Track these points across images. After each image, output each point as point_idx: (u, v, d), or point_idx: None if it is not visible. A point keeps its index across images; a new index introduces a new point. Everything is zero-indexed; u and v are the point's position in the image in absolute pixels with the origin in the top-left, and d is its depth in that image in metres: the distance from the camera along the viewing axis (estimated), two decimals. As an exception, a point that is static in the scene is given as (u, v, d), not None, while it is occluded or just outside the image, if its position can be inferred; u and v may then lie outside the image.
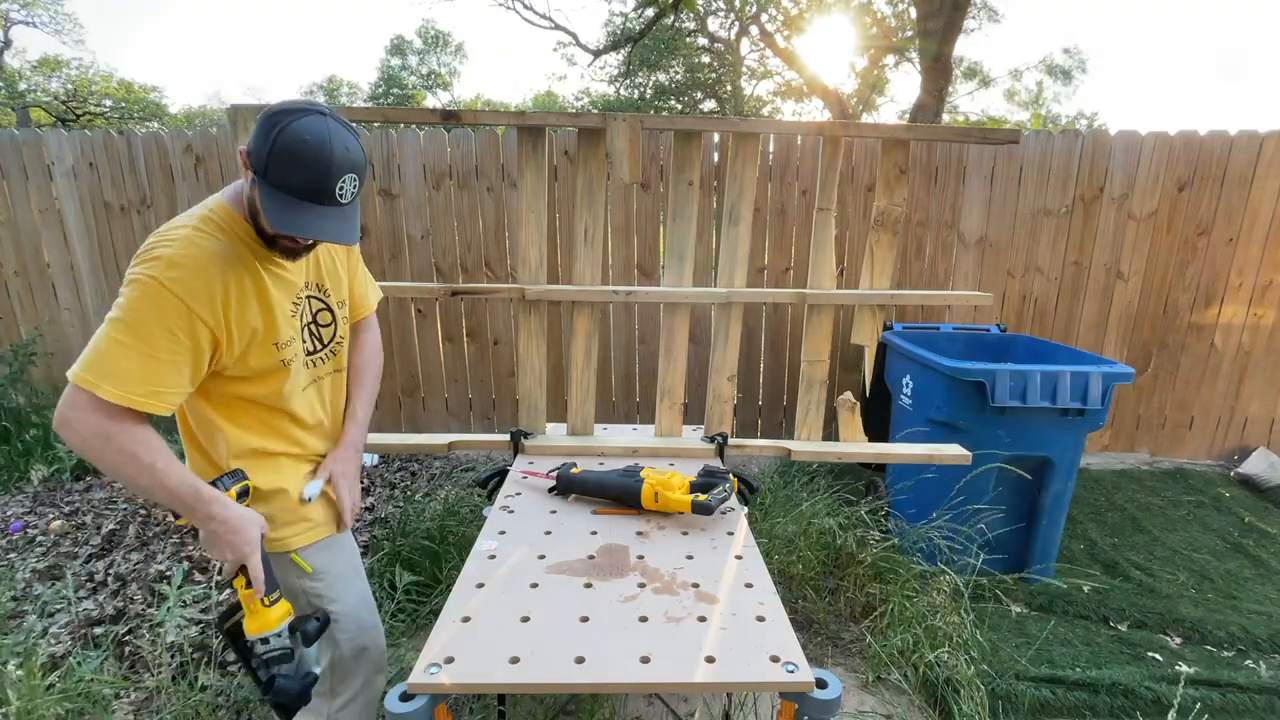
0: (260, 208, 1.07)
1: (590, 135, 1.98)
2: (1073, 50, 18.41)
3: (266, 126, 1.04)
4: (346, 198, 1.09)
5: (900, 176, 2.05)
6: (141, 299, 1.03)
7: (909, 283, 3.74)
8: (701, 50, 16.93)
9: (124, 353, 1.02)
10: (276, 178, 1.04)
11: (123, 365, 1.02)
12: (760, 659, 1.03)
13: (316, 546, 1.34)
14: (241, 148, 1.09)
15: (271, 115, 1.05)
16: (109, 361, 1.02)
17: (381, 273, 3.66)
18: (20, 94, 16.46)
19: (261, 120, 1.06)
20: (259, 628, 1.13)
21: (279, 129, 1.03)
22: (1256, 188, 3.58)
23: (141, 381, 1.03)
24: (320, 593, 1.34)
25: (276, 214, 1.06)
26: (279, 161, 1.03)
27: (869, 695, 2.01)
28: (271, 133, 1.03)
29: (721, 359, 2.14)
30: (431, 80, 26.67)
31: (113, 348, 1.02)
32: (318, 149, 1.03)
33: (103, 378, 1.01)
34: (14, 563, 2.56)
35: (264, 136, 1.04)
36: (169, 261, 1.05)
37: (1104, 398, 2.35)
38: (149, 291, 1.03)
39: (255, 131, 1.06)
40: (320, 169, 1.04)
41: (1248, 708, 1.96)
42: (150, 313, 1.03)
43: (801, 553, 2.42)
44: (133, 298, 1.03)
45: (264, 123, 1.05)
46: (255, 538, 1.14)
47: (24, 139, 3.65)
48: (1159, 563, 2.78)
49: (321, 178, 1.05)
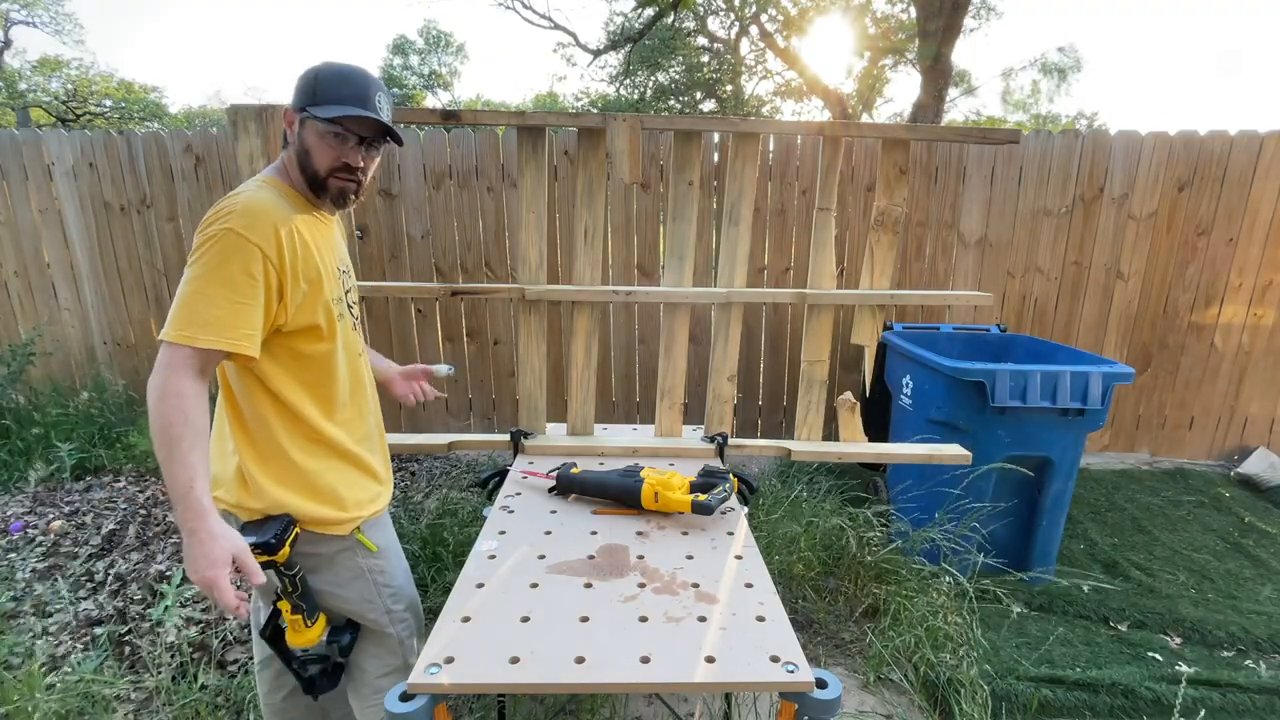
0: (315, 125, 1.21)
1: (590, 135, 1.98)
2: (1067, 49, 18.38)
3: (309, 72, 1.23)
4: (385, 114, 1.25)
5: (900, 176, 2.05)
6: (220, 249, 1.10)
7: (909, 283, 3.74)
8: (701, 50, 16.92)
9: (212, 303, 1.08)
10: (325, 95, 1.21)
11: (214, 314, 1.08)
12: (760, 659, 1.03)
13: (374, 523, 1.38)
14: (285, 110, 1.24)
15: (311, 67, 1.24)
16: (200, 314, 1.07)
17: (381, 273, 3.66)
18: (20, 94, 16.45)
19: (302, 75, 1.23)
20: (304, 643, 1.25)
21: (321, 64, 1.23)
22: (1256, 188, 3.58)
23: (233, 326, 1.09)
24: (382, 569, 1.37)
25: (335, 111, 1.19)
26: (325, 83, 1.21)
27: (869, 695, 2.01)
28: (314, 69, 1.23)
29: (721, 359, 2.14)
30: (432, 80, 26.68)
31: (201, 301, 1.08)
32: (356, 70, 1.24)
33: (200, 329, 1.06)
34: (14, 563, 2.56)
35: (308, 77, 1.22)
36: (239, 213, 1.12)
37: (1104, 398, 2.35)
38: (226, 241, 1.10)
39: (298, 86, 1.23)
40: (361, 82, 1.23)
41: (1248, 708, 1.96)
42: (233, 260, 1.10)
43: (801, 553, 2.42)
44: (211, 250, 1.10)
45: (306, 73, 1.23)
46: (220, 560, 1.04)
47: (24, 139, 3.65)
48: (1159, 563, 2.78)
49: (363, 89, 1.23)
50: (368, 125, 1.23)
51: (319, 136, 1.22)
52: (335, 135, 1.22)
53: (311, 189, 1.26)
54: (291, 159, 1.25)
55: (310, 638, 1.24)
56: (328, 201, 1.28)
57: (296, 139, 1.23)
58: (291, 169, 1.25)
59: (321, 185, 1.25)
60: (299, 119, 1.22)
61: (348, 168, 1.25)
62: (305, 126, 1.22)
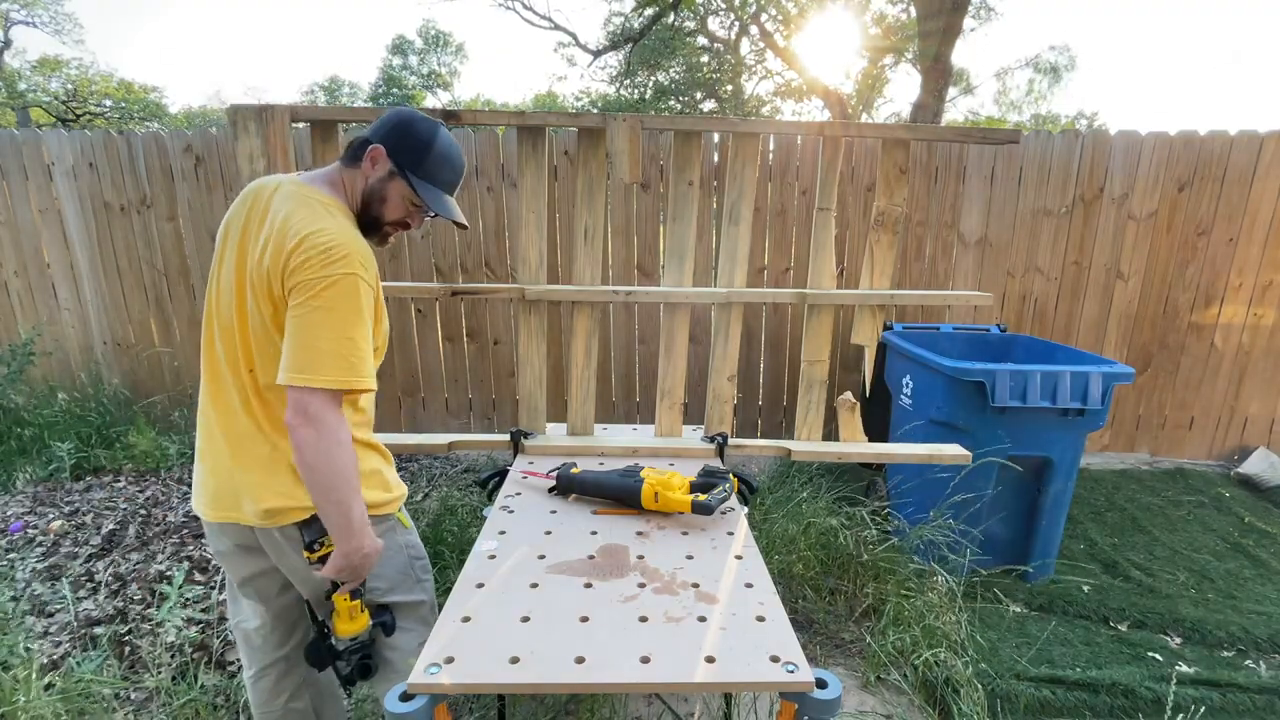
0: (404, 189, 1.27)
1: (590, 135, 1.98)
2: (1060, 47, 18.40)
3: (421, 129, 1.27)
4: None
5: (900, 176, 2.05)
6: (350, 292, 1.14)
7: (909, 283, 3.74)
8: (701, 50, 16.91)
9: (355, 348, 1.14)
10: (428, 173, 1.28)
11: (358, 358, 1.15)
12: (760, 659, 1.03)
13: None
14: (375, 146, 1.25)
15: (418, 120, 1.28)
16: (347, 359, 1.13)
17: (382, 272, 3.65)
18: (20, 94, 16.45)
19: (404, 123, 1.28)
20: (357, 629, 1.27)
21: (435, 133, 1.29)
22: (1256, 188, 3.58)
23: (366, 365, 1.17)
24: (414, 543, 1.45)
25: (438, 202, 1.29)
26: (436, 159, 1.28)
27: (869, 695, 2.01)
28: (427, 135, 1.28)
29: (721, 359, 2.13)
30: (432, 80, 26.68)
31: (347, 347, 1.13)
32: (460, 154, 1.34)
33: (352, 375, 1.13)
34: (14, 563, 2.56)
35: (421, 139, 1.27)
36: (358, 258, 1.17)
37: (1104, 398, 2.35)
38: (353, 285, 1.15)
39: (397, 132, 1.27)
40: (460, 169, 1.35)
41: (1248, 708, 1.96)
42: (361, 302, 1.16)
43: (801, 553, 2.42)
44: (342, 294, 1.13)
45: (412, 125, 1.27)
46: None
47: (24, 139, 3.65)
48: (1159, 563, 2.78)
49: (459, 175, 1.35)
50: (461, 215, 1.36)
51: (401, 198, 1.29)
52: (416, 207, 1.31)
53: (363, 224, 1.29)
54: (357, 192, 1.28)
55: (361, 623, 1.28)
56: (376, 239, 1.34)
57: (377, 181, 1.27)
58: (353, 197, 1.29)
59: (376, 227, 1.31)
60: (390, 169, 1.26)
61: (407, 226, 1.34)
62: (393, 180, 1.27)
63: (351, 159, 1.28)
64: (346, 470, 1.13)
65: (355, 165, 1.28)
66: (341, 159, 1.31)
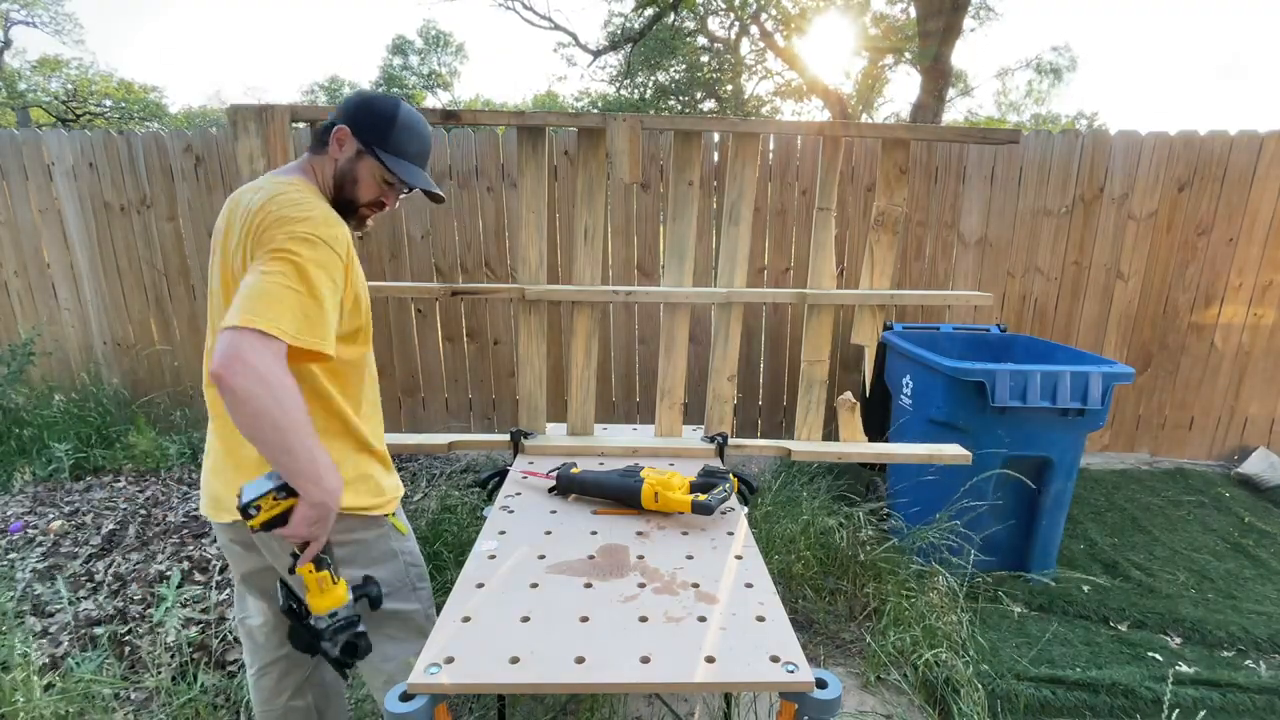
0: (374, 166, 1.25)
1: (590, 135, 1.98)
2: (1061, 48, 18.43)
3: (383, 105, 1.26)
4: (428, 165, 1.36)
5: (900, 176, 2.05)
6: (320, 253, 1.10)
7: (909, 283, 3.74)
8: (701, 50, 16.91)
9: (298, 300, 1.05)
10: (396, 147, 1.26)
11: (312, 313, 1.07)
12: (760, 659, 1.03)
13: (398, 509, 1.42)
14: (340, 126, 1.23)
15: (378, 97, 1.27)
16: (296, 311, 1.04)
17: (381, 273, 3.66)
18: (20, 94, 16.45)
19: (365, 101, 1.27)
20: (333, 603, 1.13)
21: (397, 107, 1.27)
22: (1256, 188, 3.58)
23: (320, 325, 1.08)
24: (410, 550, 1.42)
25: (408, 173, 1.27)
26: (401, 132, 1.26)
27: (869, 695, 2.01)
28: (393, 108, 1.26)
29: (721, 359, 2.13)
30: (432, 80, 26.68)
31: (289, 295, 1.04)
32: (425, 123, 1.33)
33: (299, 327, 1.04)
34: (14, 563, 2.56)
35: (384, 114, 1.25)
36: (327, 224, 1.14)
37: (1104, 398, 2.35)
38: (321, 248, 1.10)
39: (360, 111, 1.25)
40: (427, 139, 1.33)
41: (1248, 708, 1.96)
42: (329, 269, 1.11)
43: (801, 553, 2.42)
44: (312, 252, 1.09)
45: (373, 102, 1.26)
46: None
47: (24, 139, 3.65)
48: (1159, 563, 2.78)
49: (427, 145, 1.33)
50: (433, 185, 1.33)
51: (373, 177, 1.27)
52: (389, 184, 1.29)
53: (337, 208, 1.25)
54: (328, 176, 1.26)
55: (339, 595, 1.14)
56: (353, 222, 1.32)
57: (347, 163, 1.25)
58: (324, 183, 1.26)
59: (351, 211, 1.28)
60: (358, 148, 1.24)
61: (382, 205, 1.32)
62: (362, 160, 1.25)
63: (318, 145, 1.26)
64: (290, 414, 1.00)
65: (323, 151, 1.26)
66: (309, 148, 1.28)
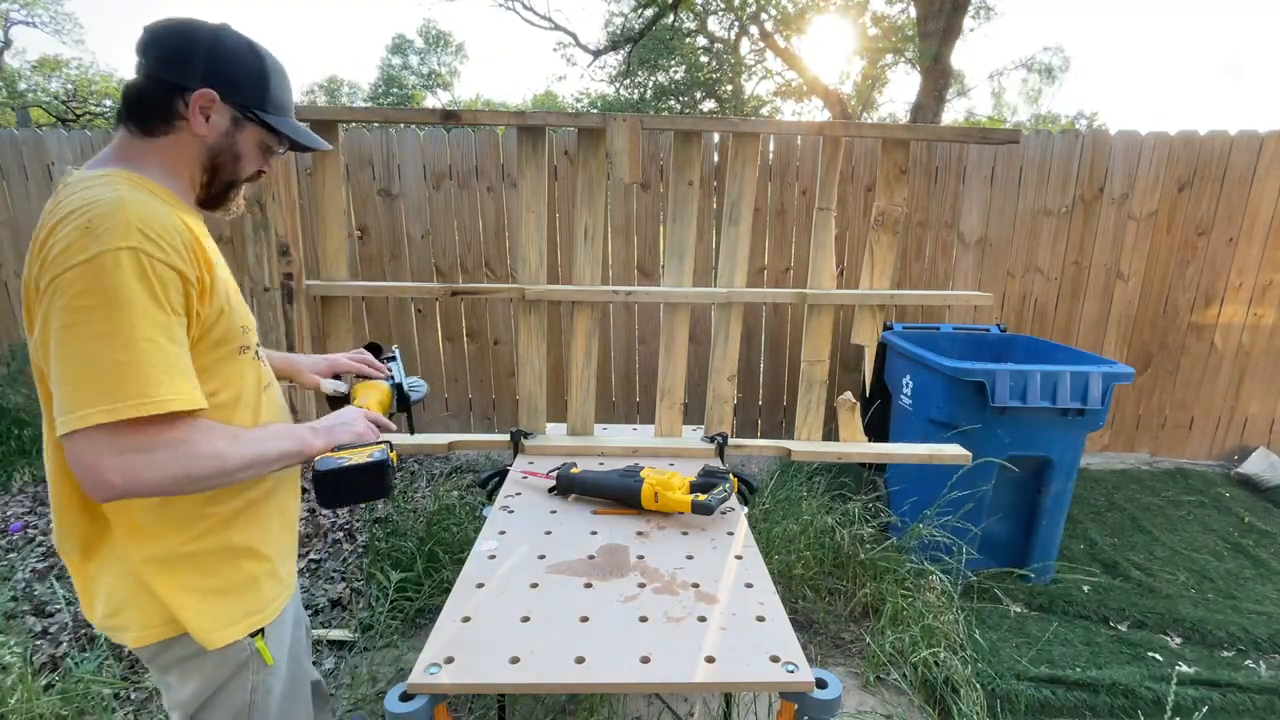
0: (261, 134, 0.99)
1: (590, 135, 1.98)
2: (1053, 48, 18.49)
3: (240, 50, 0.94)
4: None
5: (900, 176, 2.05)
6: (116, 277, 0.78)
7: (909, 283, 3.74)
8: (701, 50, 16.92)
9: (140, 352, 0.79)
10: (278, 102, 0.99)
11: (155, 365, 0.80)
12: (760, 659, 1.03)
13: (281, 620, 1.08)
14: (200, 92, 0.90)
15: (221, 37, 0.93)
16: (139, 368, 0.78)
17: (381, 273, 3.66)
18: (20, 94, 16.46)
19: (209, 49, 0.91)
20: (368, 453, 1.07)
21: (255, 48, 0.96)
22: (1256, 188, 3.58)
23: (185, 374, 0.84)
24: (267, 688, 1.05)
25: (302, 134, 1.03)
26: (279, 82, 0.99)
27: (869, 695, 2.01)
28: (253, 55, 0.95)
29: (721, 359, 2.14)
30: (432, 80, 26.69)
31: (122, 353, 0.78)
32: (279, 60, 1.01)
33: (146, 392, 0.78)
34: (14, 563, 2.56)
35: (246, 65, 0.95)
36: (134, 225, 0.81)
37: (1104, 398, 2.35)
38: (117, 264, 0.78)
39: (212, 64, 0.91)
40: (288, 78, 1.03)
41: (1248, 708, 1.96)
42: (136, 287, 0.79)
43: (801, 553, 2.42)
44: (102, 281, 0.77)
45: (221, 46, 0.92)
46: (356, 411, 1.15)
47: (24, 139, 3.65)
48: (1159, 563, 2.78)
49: (290, 85, 1.04)
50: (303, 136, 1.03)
51: (258, 146, 1.00)
52: (269, 148, 1.02)
53: (209, 193, 1.00)
54: (191, 161, 0.96)
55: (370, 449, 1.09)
56: (214, 207, 1.03)
57: (222, 138, 0.95)
58: (186, 165, 0.96)
59: (227, 191, 1.01)
60: (233, 116, 0.95)
61: (260, 174, 1.05)
62: (242, 129, 0.96)
63: (148, 123, 0.92)
64: (225, 459, 0.86)
65: (163, 131, 0.93)
66: (126, 129, 0.93)
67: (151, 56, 0.91)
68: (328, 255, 2.04)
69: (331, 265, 2.05)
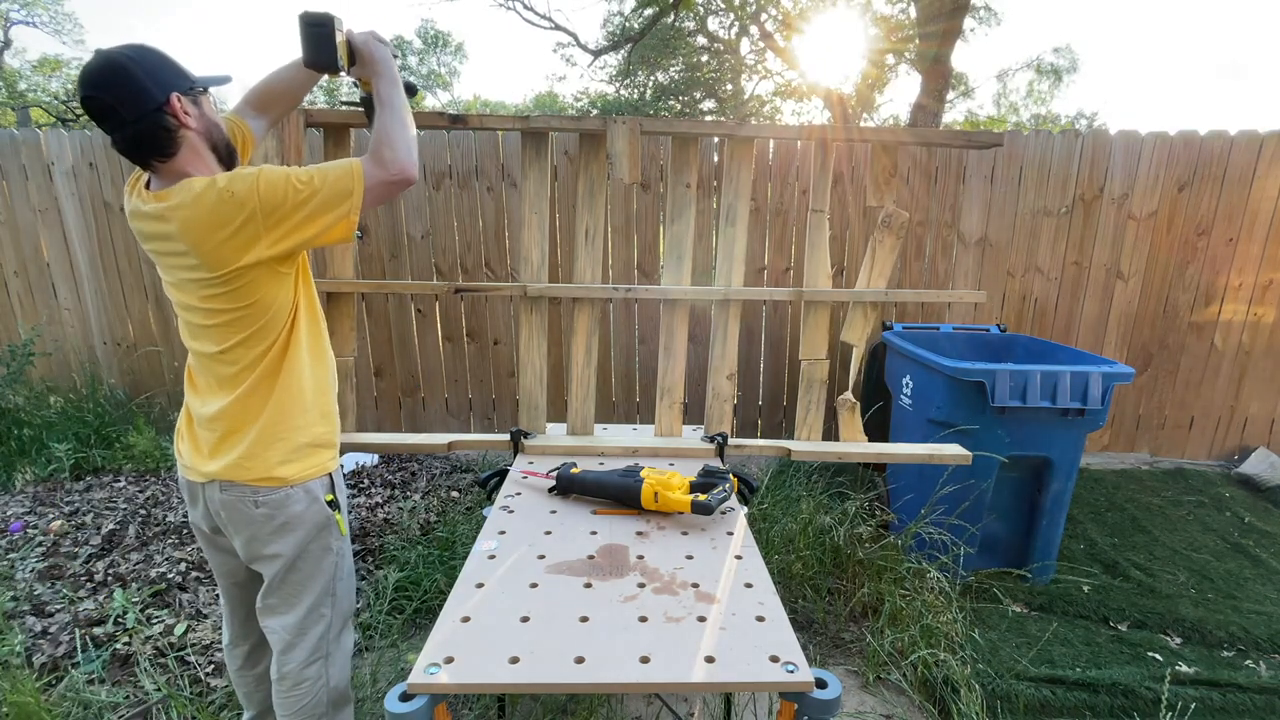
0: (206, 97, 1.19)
1: (591, 139, 1.98)
2: (1062, 49, 18.49)
3: (151, 53, 1.12)
4: None
5: (891, 179, 2.06)
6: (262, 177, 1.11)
7: (909, 282, 3.74)
8: (701, 50, 16.91)
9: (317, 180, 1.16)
10: (188, 72, 1.17)
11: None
12: (760, 659, 1.03)
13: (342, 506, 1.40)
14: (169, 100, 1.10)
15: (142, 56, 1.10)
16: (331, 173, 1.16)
17: (381, 272, 3.66)
18: (20, 94, 16.45)
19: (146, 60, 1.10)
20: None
21: (150, 47, 1.13)
22: (1256, 188, 3.58)
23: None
24: (344, 552, 1.39)
25: (217, 80, 1.21)
26: (171, 57, 1.15)
27: (869, 695, 2.01)
28: (155, 52, 1.13)
29: (720, 356, 2.14)
30: (431, 80, 26.67)
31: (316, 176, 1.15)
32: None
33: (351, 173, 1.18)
34: (14, 563, 2.56)
35: (165, 59, 1.13)
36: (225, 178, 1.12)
37: (1104, 398, 2.35)
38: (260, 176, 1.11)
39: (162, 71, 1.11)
40: None
41: (1248, 708, 1.96)
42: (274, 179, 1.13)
43: (801, 552, 2.42)
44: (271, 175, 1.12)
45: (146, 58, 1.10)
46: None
47: (24, 139, 3.65)
48: (1159, 563, 2.78)
49: None
50: None
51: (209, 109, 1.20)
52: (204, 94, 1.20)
53: (227, 167, 1.21)
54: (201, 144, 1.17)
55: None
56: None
57: (202, 119, 1.16)
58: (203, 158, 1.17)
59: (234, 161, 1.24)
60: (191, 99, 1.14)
61: None
62: (200, 104, 1.16)
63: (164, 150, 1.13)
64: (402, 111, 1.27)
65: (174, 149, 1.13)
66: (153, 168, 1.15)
67: (118, 103, 1.07)
68: (334, 255, 2.07)
69: (339, 267, 2.08)
